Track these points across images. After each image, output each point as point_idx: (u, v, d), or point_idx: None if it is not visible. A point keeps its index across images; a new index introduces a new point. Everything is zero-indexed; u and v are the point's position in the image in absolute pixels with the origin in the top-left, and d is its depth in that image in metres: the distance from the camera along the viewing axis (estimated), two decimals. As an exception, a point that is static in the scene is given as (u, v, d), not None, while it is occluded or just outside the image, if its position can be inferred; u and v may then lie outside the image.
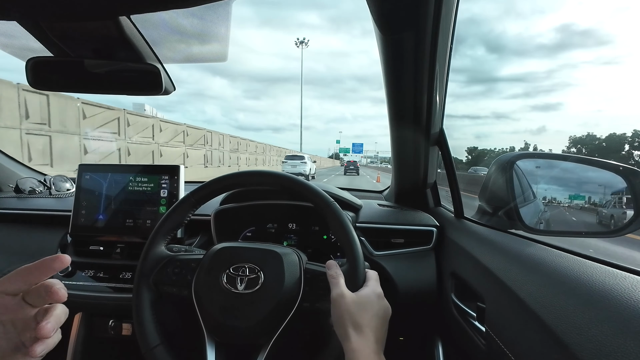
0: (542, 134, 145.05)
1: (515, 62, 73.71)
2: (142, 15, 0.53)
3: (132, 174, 0.94)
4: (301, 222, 0.96)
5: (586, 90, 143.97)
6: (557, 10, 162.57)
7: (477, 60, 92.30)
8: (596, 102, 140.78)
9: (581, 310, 0.39)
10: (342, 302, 0.50)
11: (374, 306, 0.51)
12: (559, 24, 57.61)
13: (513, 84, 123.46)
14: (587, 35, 73.50)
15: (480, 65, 51.57)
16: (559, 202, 0.67)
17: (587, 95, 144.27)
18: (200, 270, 0.60)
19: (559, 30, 45.49)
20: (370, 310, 0.50)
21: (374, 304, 0.52)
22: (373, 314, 0.50)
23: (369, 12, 0.56)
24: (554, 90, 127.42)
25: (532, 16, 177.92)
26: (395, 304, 0.57)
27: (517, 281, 0.52)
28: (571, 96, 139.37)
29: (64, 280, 0.88)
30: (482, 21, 45.53)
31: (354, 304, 0.50)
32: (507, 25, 46.02)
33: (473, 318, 0.65)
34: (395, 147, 0.95)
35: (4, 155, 1.27)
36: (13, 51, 0.64)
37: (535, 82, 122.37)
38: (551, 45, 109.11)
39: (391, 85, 0.75)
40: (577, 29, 42.67)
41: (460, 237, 0.81)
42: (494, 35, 42.02)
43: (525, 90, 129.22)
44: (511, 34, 44.35)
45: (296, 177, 0.64)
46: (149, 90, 0.59)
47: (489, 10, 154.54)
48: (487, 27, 41.04)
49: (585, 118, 46.52)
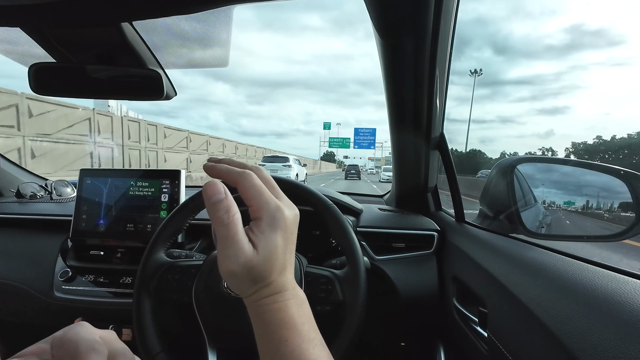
0: (550, 138, 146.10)
1: (524, 64, 72.41)
2: (144, 21, 0.53)
3: (133, 178, 0.94)
4: (301, 225, 0.95)
5: (595, 93, 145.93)
6: (567, 11, 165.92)
7: (483, 63, 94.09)
8: (605, 104, 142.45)
9: (584, 315, 0.39)
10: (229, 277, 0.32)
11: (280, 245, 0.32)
12: (569, 24, 57.19)
13: (520, 87, 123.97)
14: (598, 36, 75.14)
15: (486, 67, 50.60)
16: (559, 206, 0.67)
17: (596, 98, 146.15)
18: (200, 275, 0.60)
19: (569, 30, 44.80)
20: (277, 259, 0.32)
21: (278, 247, 0.32)
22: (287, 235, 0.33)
23: (369, 17, 0.57)
24: (562, 93, 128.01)
25: (541, 16, 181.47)
26: (397, 309, 0.57)
27: (519, 286, 0.52)
28: (579, 99, 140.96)
29: (65, 284, 0.88)
30: (488, 22, 44.45)
31: (252, 270, 0.31)
32: (515, 26, 45.52)
33: (475, 323, 0.65)
34: (396, 151, 0.95)
35: (6, 160, 1.27)
36: (16, 57, 0.64)
37: (543, 85, 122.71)
38: (560, 46, 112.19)
39: (391, 89, 0.75)
40: (588, 29, 42.01)
41: (461, 242, 0.80)
42: (501, 37, 40.88)
43: (532, 94, 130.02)
44: (519, 35, 43.27)
45: (296, 181, 0.64)
46: (150, 96, 0.59)
47: (496, 11, 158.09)
48: (494, 28, 39.86)
49: (592, 121, 45.80)
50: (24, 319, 0.97)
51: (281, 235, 0.33)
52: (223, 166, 0.34)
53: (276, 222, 0.32)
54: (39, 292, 0.88)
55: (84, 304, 0.85)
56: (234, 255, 0.30)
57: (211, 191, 0.31)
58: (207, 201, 0.31)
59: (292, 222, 0.35)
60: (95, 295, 0.86)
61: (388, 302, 0.83)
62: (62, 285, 0.88)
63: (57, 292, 0.87)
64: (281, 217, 0.33)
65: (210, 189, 0.31)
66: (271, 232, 0.32)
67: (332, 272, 0.60)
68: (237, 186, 0.33)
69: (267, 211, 0.32)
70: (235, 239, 0.30)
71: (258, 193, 0.32)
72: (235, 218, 0.31)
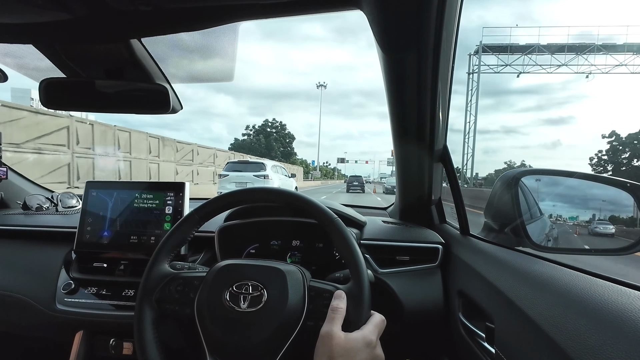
0: (556, 148, 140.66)
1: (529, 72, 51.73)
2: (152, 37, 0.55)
3: (138, 190, 0.95)
4: (305, 238, 0.95)
5: (601, 102, 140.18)
6: (576, 17, 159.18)
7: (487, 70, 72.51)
8: (611, 113, 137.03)
9: (594, 330, 0.38)
10: (327, 341, 0.49)
11: (359, 355, 0.48)
12: (577, 32, 51.88)
13: (526, 96, 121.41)
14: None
15: (491, 76, 43.37)
16: (565, 219, 0.66)
17: (603, 107, 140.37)
18: (203, 288, 0.60)
19: (577, 37, 35.36)
20: (353, 359, 0.48)
21: (359, 352, 0.49)
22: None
23: (372, 32, 0.58)
24: (569, 102, 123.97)
25: (549, 23, 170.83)
26: (402, 323, 0.56)
27: (527, 300, 0.51)
28: (586, 107, 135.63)
29: (67, 297, 0.88)
30: (494, 29, 38.30)
31: (338, 347, 0.48)
32: (521, 33, 42.78)
33: (482, 339, 0.63)
34: (400, 164, 0.95)
35: (13, 173, 1.29)
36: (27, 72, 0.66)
37: (549, 94, 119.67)
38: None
39: (394, 103, 0.76)
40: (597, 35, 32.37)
41: (466, 255, 0.79)
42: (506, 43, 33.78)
43: (538, 103, 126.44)
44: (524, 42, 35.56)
45: (301, 193, 0.64)
46: (157, 109, 0.60)
47: (502, 17, 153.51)
48: (500, 34, 33.30)
49: (599, 131, 44.88)
50: (25, 331, 0.96)
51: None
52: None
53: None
54: (41, 304, 0.88)
55: (86, 316, 0.84)
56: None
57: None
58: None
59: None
60: (97, 308, 0.85)
61: (392, 316, 0.81)
62: (64, 298, 0.88)
63: (59, 304, 0.87)
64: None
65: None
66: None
67: (336, 287, 0.59)
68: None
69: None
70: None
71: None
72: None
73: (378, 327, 0.53)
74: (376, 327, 0.53)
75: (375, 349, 0.51)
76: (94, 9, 0.45)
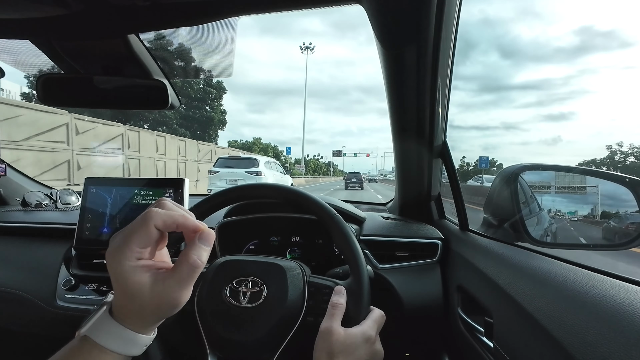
0: (557, 144, 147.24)
1: (531, 68, 77.68)
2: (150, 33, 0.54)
3: (137, 187, 0.94)
4: (305, 234, 0.95)
5: (603, 97, 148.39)
6: (579, 11, 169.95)
7: (489, 67, 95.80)
8: (612, 109, 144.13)
9: (592, 325, 0.38)
10: (326, 337, 0.49)
11: (359, 350, 0.49)
12: (578, 26, 56.27)
13: (527, 92, 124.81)
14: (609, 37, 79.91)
15: (493, 72, 53.09)
16: (564, 214, 0.66)
17: (604, 103, 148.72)
18: (203, 284, 0.60)
19: (579, 32, 49.66)
20: (352, 354, 0.48)
21: (358, 347, 0.49)
22: (354, 358, 0.48)
23: (371, 28, 0.57)
24: (571, 97, 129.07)
25: (551, 18, 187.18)
26: (401, 319, 0.56)
27: (526, 295, 0.51)
28: (588, 103, 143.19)
29: (68, 293, 0.88)
30: (496, 23, 45.77)
31: (338, 343, 0.48)
32: (523, 28, 45.65)
33: (481, 333, 0.64)
34: (399, 160, 0.95)
35: (12, 169, 1.29)
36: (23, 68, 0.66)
37: (550, 90, 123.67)
38: (570, 48, 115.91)
39: (394, 98, 0.76)
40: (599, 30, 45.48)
41: (465, 250, 0.80)
42: (508, 39, 42.99)
43: (539, 99, 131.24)
44: (527, 38, 46.70)
45: (299, 189, 0.64)
46: (155, 105, 0.60)
47: (504, 12, 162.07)
48: (502, 30, 42.00)
49: (599, 127, 45.04)
50: (25, 327, 0.96)
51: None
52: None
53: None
54: (41, 300, 0.88)
55: (86, 312, 0.85)
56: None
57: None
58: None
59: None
60: (98, 304, 0.85)
61: (392, 311, 0.82)
62: (64, 294, 0.88)
63: (60, 300, 0.87)
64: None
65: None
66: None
67: (335, 282, 0.59)
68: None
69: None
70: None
71: None
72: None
73: (377, 322, 0.54)
74: (376, 323, 0.53)
75: (374, 345, 0.51)
76: (91, 4, 0.44)
